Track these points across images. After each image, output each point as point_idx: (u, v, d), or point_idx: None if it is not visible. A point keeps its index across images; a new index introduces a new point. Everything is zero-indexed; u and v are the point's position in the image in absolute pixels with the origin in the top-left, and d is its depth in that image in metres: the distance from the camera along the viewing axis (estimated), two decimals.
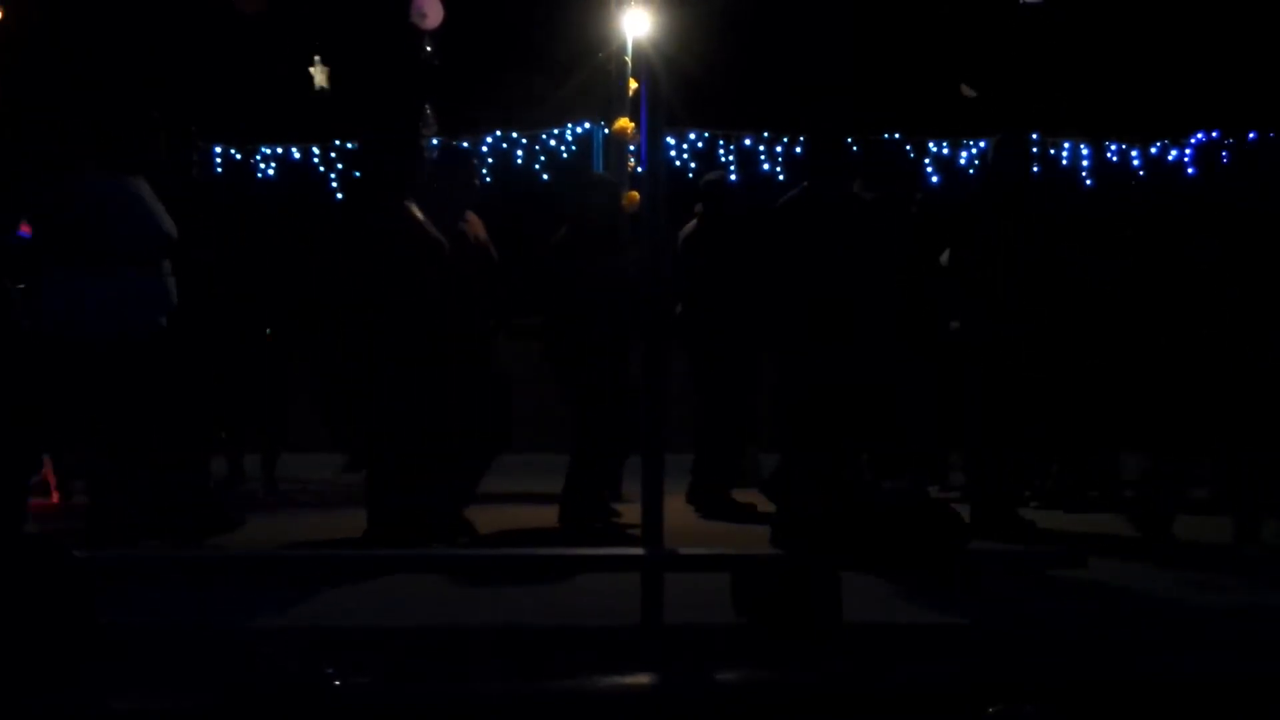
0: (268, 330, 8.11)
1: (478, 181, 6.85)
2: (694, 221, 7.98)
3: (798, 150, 14.32)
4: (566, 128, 13.97)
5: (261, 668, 3.45)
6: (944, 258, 7.17)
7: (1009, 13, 13.23)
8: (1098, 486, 8.01)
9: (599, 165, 10.73)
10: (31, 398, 6.14)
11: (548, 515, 6.86)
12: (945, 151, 14.11)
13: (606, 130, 9.00)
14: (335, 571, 5.25)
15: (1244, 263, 6.68)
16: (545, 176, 13.36)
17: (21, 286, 6.22)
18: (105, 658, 4.01)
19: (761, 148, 14.37)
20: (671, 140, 13.11)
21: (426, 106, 11.48)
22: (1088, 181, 13.16)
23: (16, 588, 3.98)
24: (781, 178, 13.80)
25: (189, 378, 6.38)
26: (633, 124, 8.33)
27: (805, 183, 6.58)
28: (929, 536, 5.31)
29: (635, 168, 8.38)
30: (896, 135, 14.32)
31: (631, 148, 8.46)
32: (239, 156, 14.58)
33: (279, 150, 14.71)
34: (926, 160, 14.24)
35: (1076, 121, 14.09)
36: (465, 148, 9.80)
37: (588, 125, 12.89)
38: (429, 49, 10.22)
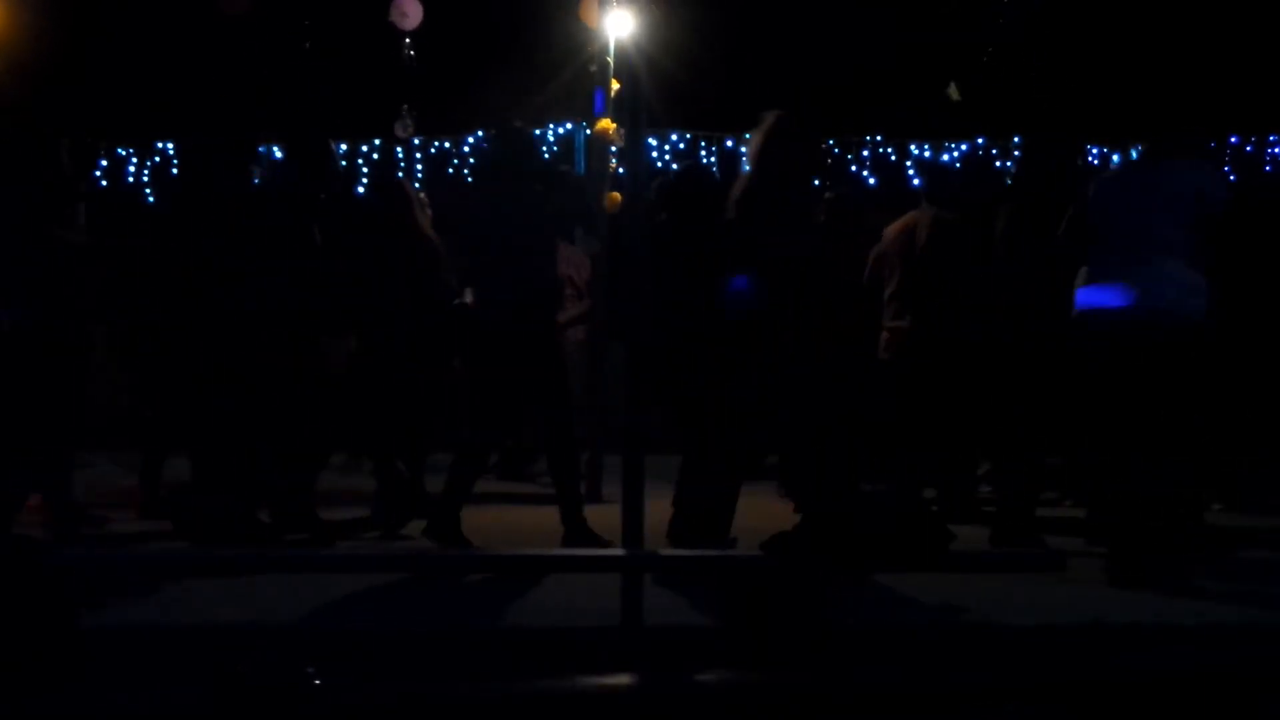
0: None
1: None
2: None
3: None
4: (548, 128, 13.95)
5: (242, 667, 3.43)
6: None
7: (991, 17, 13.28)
8: (1056, 488, 8.00)
9: (581, 167, 10.72)
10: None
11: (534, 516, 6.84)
12: (928, 154, 14.13)
13: (588, 131, 8.99)
14: (314, 569, 5.23)
15: None
16: None
17: None
18: (87, 658, 3.99)
19: (743, 149, 14.33)
20: (653, 141, 13.10)
21: (404, 107, 11.46)
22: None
23: None
24: None
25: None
26: (614, 125, 8.33)
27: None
28: (913, 538, 5.32)
29: (617, 169, 8.38)
30: (879, 137, 14.34)
31: (613, 149, 8.46)
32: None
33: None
34: (909, 163, 14.25)
35: (1062, 124, 14.11)
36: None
37: (569, 126, 12.87)
38: (409, 49, 10.21)
